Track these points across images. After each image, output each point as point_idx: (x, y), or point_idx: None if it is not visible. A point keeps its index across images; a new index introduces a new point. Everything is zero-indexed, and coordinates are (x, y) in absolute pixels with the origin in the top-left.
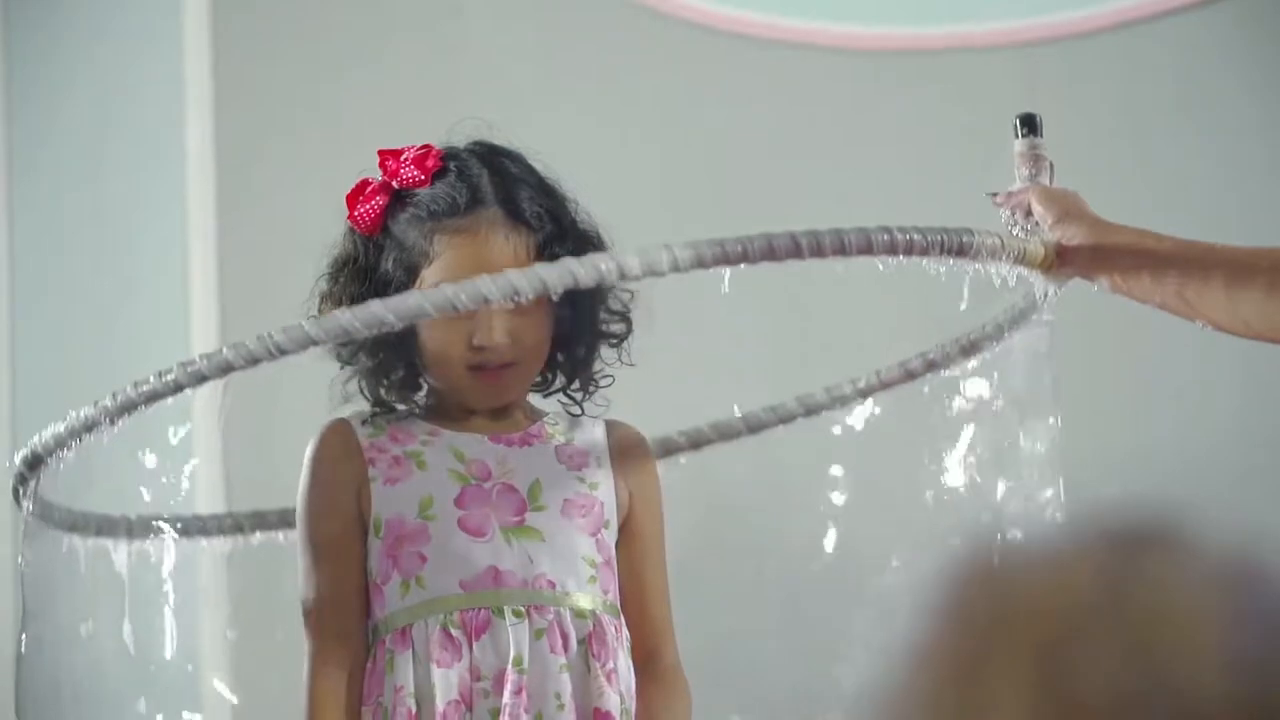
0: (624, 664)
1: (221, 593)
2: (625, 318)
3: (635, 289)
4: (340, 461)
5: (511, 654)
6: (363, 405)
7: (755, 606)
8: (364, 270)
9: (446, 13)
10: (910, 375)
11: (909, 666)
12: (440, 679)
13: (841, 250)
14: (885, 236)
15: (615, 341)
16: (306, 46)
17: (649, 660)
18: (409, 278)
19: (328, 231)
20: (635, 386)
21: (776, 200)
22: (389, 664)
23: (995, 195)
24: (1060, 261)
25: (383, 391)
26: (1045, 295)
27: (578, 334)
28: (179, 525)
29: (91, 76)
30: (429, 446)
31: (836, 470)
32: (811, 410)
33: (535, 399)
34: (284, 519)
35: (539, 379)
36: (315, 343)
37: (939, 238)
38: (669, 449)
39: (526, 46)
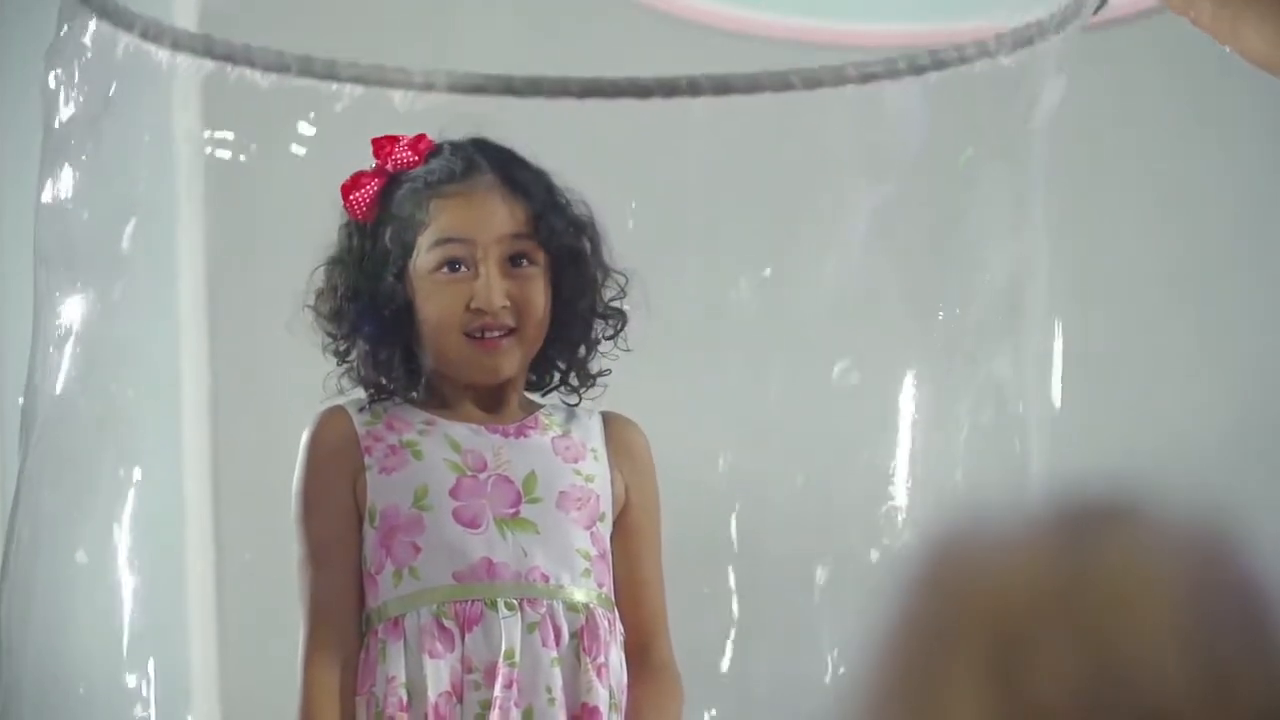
0: (616, 658)
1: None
2: (621, 313)
3: (630, 274)
4: (337, 450)
5: (503, 647)
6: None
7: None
8: (361, 256)
9: (440, 9)
10: (964, 59)
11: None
12: (432, 670)
13: None
14: None
15: (611, 335)
16: (297, 44)
17: (642, 655)
18: (406, 252)
19: (323, 234)
20: None
21: (773, 198)
22: (381, 653)
23: None
24: None
25: (381, 378)
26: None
27: (574, 328)
28: (220, 49)
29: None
30: (425, 436)
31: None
32: (868, 77)
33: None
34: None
35: (535, 378)
36: None
37: None
38: (696, 90)
39: (521, 45)
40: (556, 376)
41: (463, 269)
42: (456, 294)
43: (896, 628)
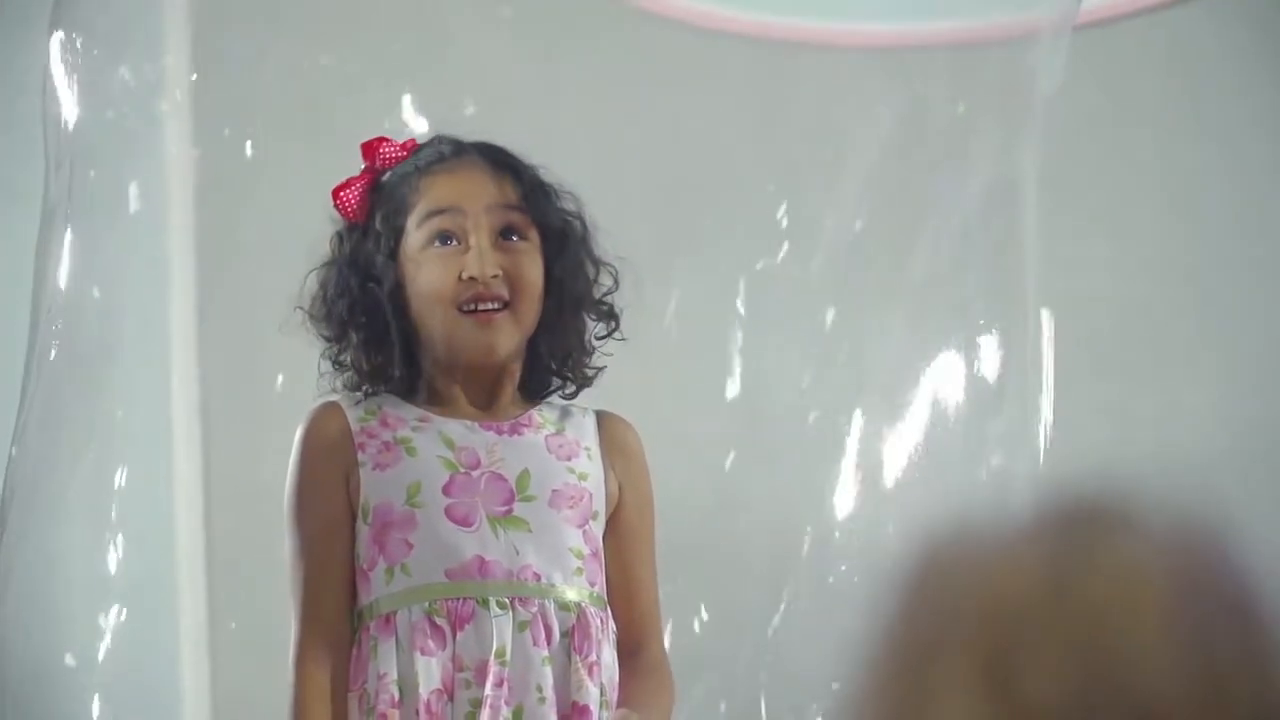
0: (608, 656)
1: None
2: (614, 311)
3: (620, 265)
4: (330, 446)
5: (494, 646)
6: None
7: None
8: (352, 254)
9: (431, 10)
10: None
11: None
12: (423, 668)
13: None
14: None
15: (605, 335)
16: (291, 48)
17: (634, 653)
18: (396, 235)
19: (313, 234)
20: None
21: (768, 197)
22: (373, 650)
23: None
24: None
25: (376, 372)
26: None
27: (568, 321)
28: None
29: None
30: (419, 433)
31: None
32: None
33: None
34: None
35: (531, 381)
36: None
37: None
38: None
39: (511, 45)
40: (553, 380)
41: (453, 242)
42: (448, 266)
43: (890, 631)
